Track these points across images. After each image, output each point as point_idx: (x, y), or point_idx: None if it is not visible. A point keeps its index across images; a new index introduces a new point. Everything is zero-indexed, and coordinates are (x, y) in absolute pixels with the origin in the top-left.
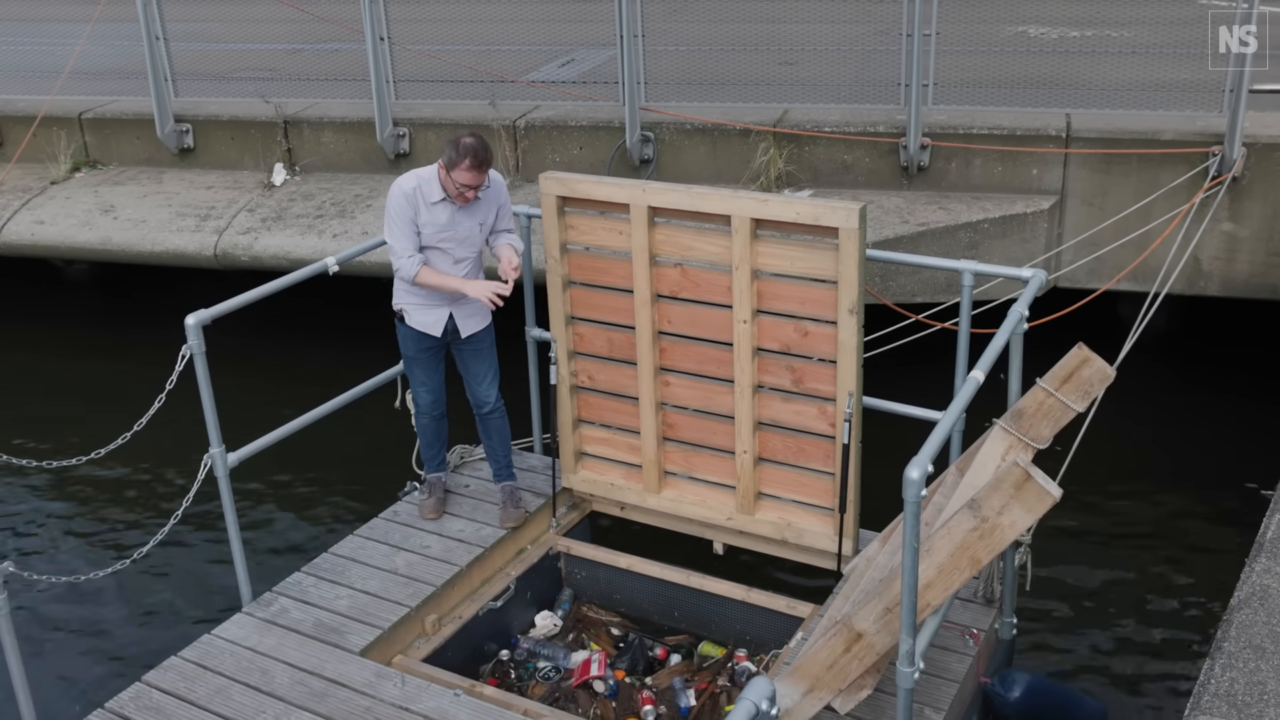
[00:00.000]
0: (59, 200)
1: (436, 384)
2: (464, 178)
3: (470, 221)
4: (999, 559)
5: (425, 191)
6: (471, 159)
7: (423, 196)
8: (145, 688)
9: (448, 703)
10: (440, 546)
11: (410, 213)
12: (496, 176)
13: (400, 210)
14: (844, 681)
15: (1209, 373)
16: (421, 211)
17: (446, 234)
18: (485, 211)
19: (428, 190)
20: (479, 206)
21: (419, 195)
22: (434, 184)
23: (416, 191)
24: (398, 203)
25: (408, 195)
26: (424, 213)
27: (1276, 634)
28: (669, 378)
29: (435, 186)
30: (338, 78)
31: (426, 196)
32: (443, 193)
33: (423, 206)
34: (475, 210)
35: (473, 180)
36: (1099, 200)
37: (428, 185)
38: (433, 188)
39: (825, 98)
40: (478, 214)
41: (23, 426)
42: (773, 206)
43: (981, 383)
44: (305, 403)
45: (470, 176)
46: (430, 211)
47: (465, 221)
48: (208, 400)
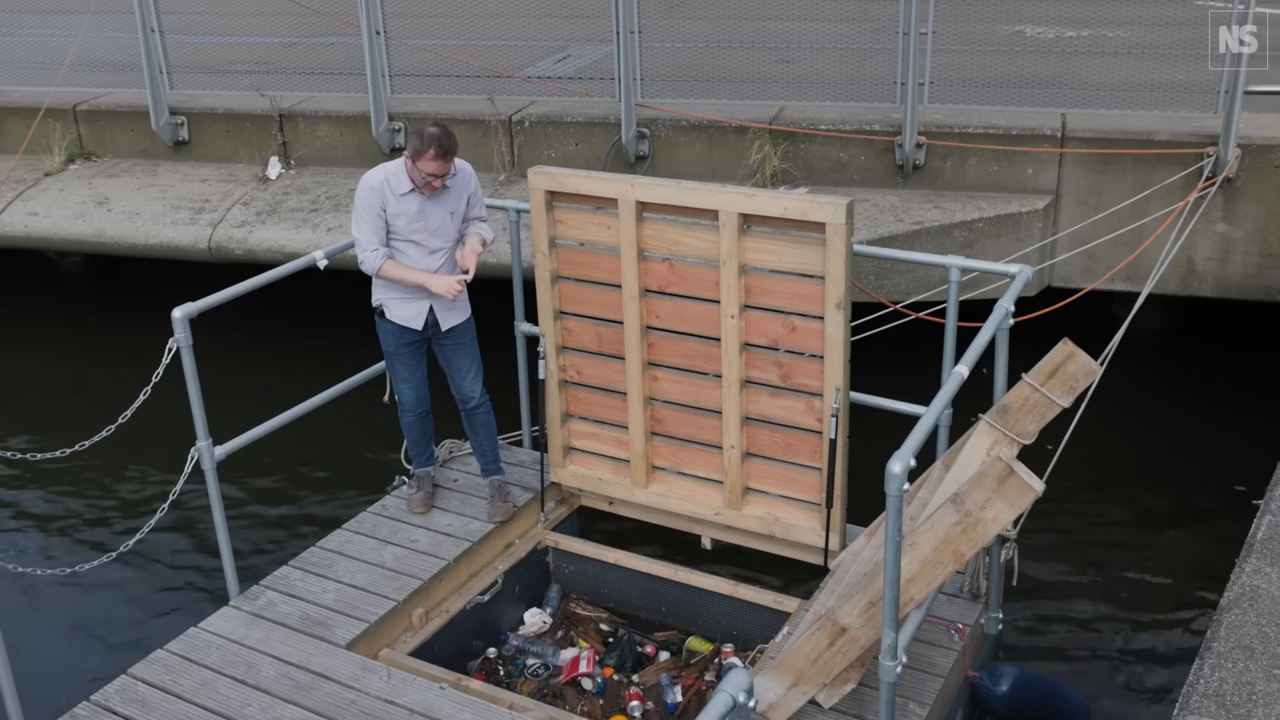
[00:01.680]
0: (53, 192)
1: (419, 380)
2: (429, 167)
3: (440, 211)
4: (984, 554)
5: (393, 184)
6: (436, 148)
7: (390, 189)
8: (131, 680)
9: (433, 696)
10: (428, 541)
11: (378, 205)
12: (465, 165)
13: (368, 203)
14: (828, 676)
15: (1202, 373)
16: (390, 202)
17: (418, 224)
18: (455, 200)
19: (395, 182)
20: (448, 196)
21: (386, 187)
22: (401, 175)
23: (384, 184)
24: (365, 196)
25: (375, 188)
26: (393, 203)
27: (1266, 635)
28: (657, 372)
29: (403, 178)
30: (333, 71)
31: (395, 188)
32: (410, 183)
33: (391, 198)
34: (445, 199)
35: (438, 169)
36: (1094, 200)
37: (395, 177)
38: (400, 179)
39: (821, 95)
40: (447, 203)
41: (12, 418)
42: (760, 201)
43: (965, 378)
44: (294, 396)
45: (436, 165)
46: (399, 203)
47: (435, 211)
48: (194, 393)
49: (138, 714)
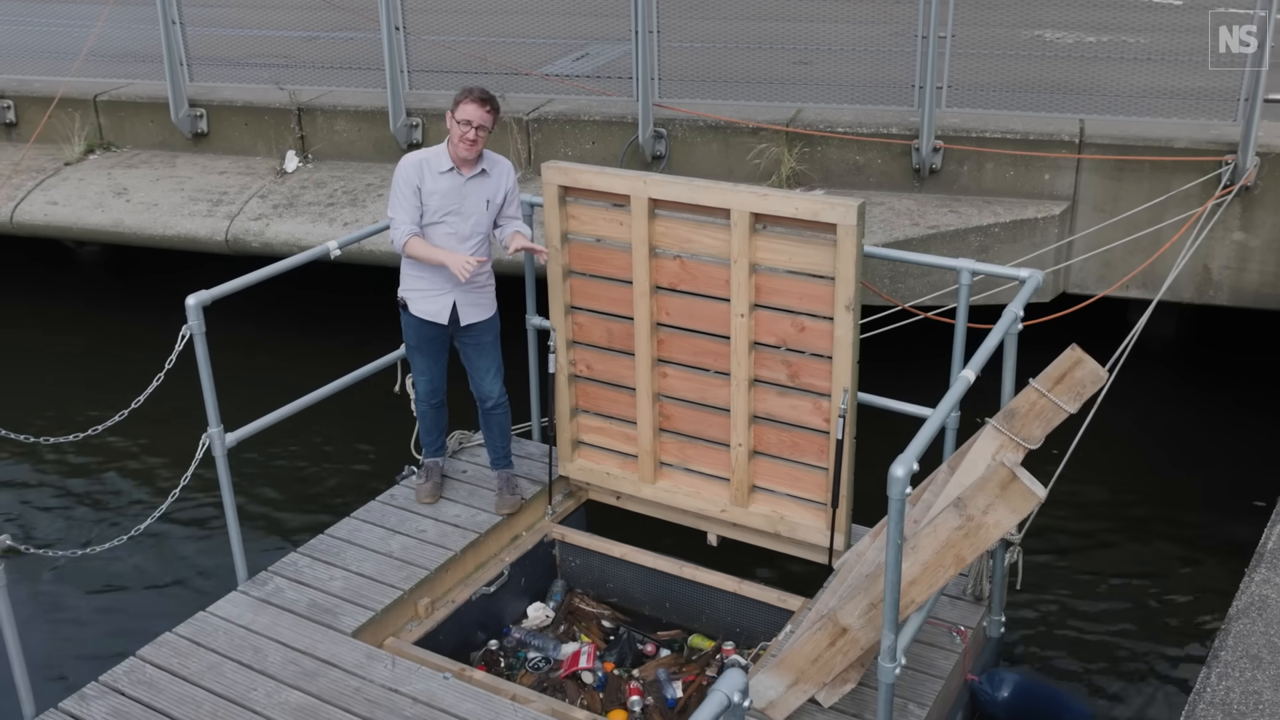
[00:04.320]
0: (72, 182)
1: (437, 374)
2: (468, 111)
3: (477, 196)
4: (988, 557)
5: (433, 162)
6: (476, 94)
7: (430, 166)
8: (139, 662)
9: (437, 685)
10: (436, 531)
11: (414, 181)
12: (506, 161)
13: (405, 178)
14: (828, 675)
15: (1217, 381)
16: (427, 179)
17: (453, 206)
18: (493, 189)
19: (436, 161)
20: (486, 182)
21: (425, 165)
22: (442, 155)
23: (423, 162)
24: (403, 171)
25: (414, 164)
26: (429, 181)
27: (1274, 644)
28: (666, 369)
29: (444, 157)
30: (352, 66)
31: (434, 166)
32: (450, 163)
33: (429, 175)
34: (483, 185)
35: (477, 115)
36: (1110, 206)
37: (436, 156)
38: (441, 158)
39: (839, 98)
40: (485, 189)
41: (29, 403)
42: (772, 201)
43: (972, 382)
44: (306, 385)
45: (474, 110)
46: (436, 180)
47: (472, 195)
48: (207, 380)
49: (145, 695)
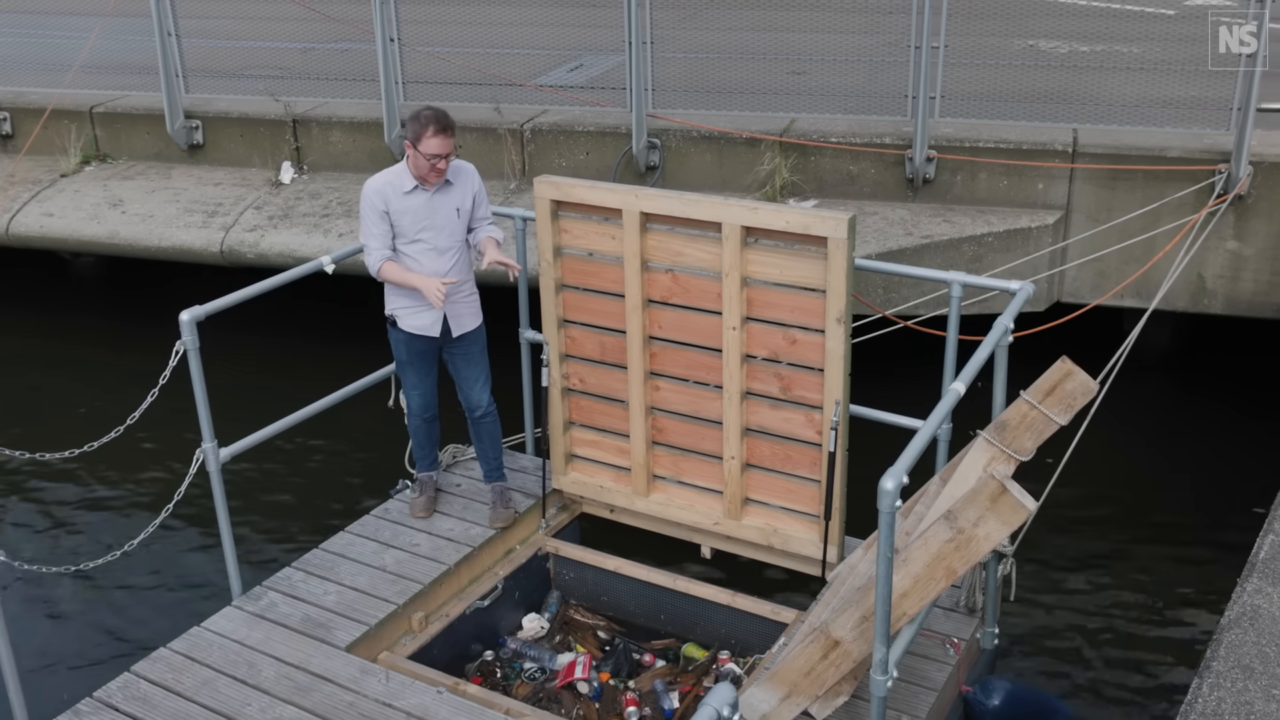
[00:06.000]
0: (68, 193)
1: (428, 387)
2: (433, 146)
3: (447, 207)
4: (980, 569)
5: (396, 183)
6: (435, 124)
7: (394, 189)
8: (133, 678)
9: (430, 700)
10: (429, 545)
11: (380, 206)
12: (468, 165)
13: (371, 204)
14: (821, 688)
15: (1211, 391)
16: (394, 201)
17: (425, 223)
18: (461, 196)
19: (399, 182)
20: (453, 191)
21: (389, 188)
22: (404, 175)
23: (387, 185)
24: (368, 198)
25: (377, 189)
26: (397, 202)
27: (1266, 655)
28: (659, 382)
29: (406, 177)
30: (347, 78)
31: (398, 188)
32: (413, 181)
33: (395, 196)
34: (450, 195)
35: (442, 147)
36: (1104, 216)
37: (399, 178)
38: (404, 178)
39: (832, 108)
40: (453, 199)
41: (22, 417)
42: (762, 215)
43: (962, 394)
44: (301, 397)
45: (439, 143)
46: (403, 200)
47: (442, 207)
48: (200, 396)
49: (139, 711)
